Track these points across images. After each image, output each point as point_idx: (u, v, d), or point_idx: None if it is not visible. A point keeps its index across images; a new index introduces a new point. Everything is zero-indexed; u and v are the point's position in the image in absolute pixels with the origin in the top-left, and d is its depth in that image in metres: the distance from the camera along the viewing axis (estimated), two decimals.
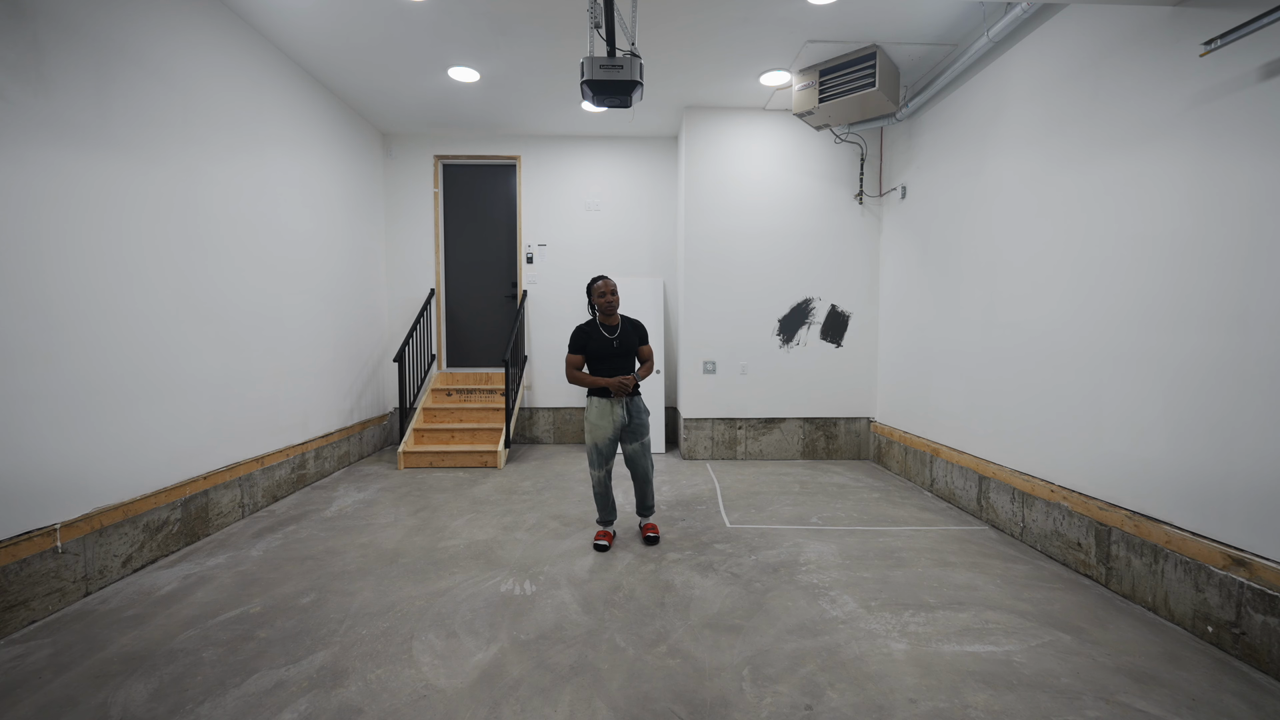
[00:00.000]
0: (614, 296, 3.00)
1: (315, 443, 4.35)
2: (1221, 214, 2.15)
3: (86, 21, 2.53)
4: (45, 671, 1.94)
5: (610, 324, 3.03)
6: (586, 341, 3.00)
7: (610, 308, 2.99)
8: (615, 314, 3.04)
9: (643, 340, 3.11)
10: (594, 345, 2.99)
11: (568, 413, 5.90)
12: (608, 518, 3.14)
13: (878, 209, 5.02)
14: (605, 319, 3.03)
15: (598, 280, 3.01)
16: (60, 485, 2.40)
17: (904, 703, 1.78)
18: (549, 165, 5.78)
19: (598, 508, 3.14)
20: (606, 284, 2.99)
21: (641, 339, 3.11)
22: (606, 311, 3.00)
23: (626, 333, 3.04)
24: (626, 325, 3.07)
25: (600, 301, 2.99)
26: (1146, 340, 2.44)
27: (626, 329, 3.05)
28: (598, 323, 3.03)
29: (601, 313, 3.01)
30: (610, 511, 3.14)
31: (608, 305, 2.99)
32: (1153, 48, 2.43)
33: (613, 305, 3.00)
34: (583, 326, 3.03)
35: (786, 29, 3.68)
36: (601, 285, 2.99)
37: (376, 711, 1.74)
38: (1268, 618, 1.96)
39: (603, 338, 2.99)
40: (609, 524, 3.15)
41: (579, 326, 3.04)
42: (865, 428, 5.16)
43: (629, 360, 3.06)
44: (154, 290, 2.89)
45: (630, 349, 3.05)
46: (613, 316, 3.03)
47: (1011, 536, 3.22)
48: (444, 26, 3.66)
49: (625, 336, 3.03)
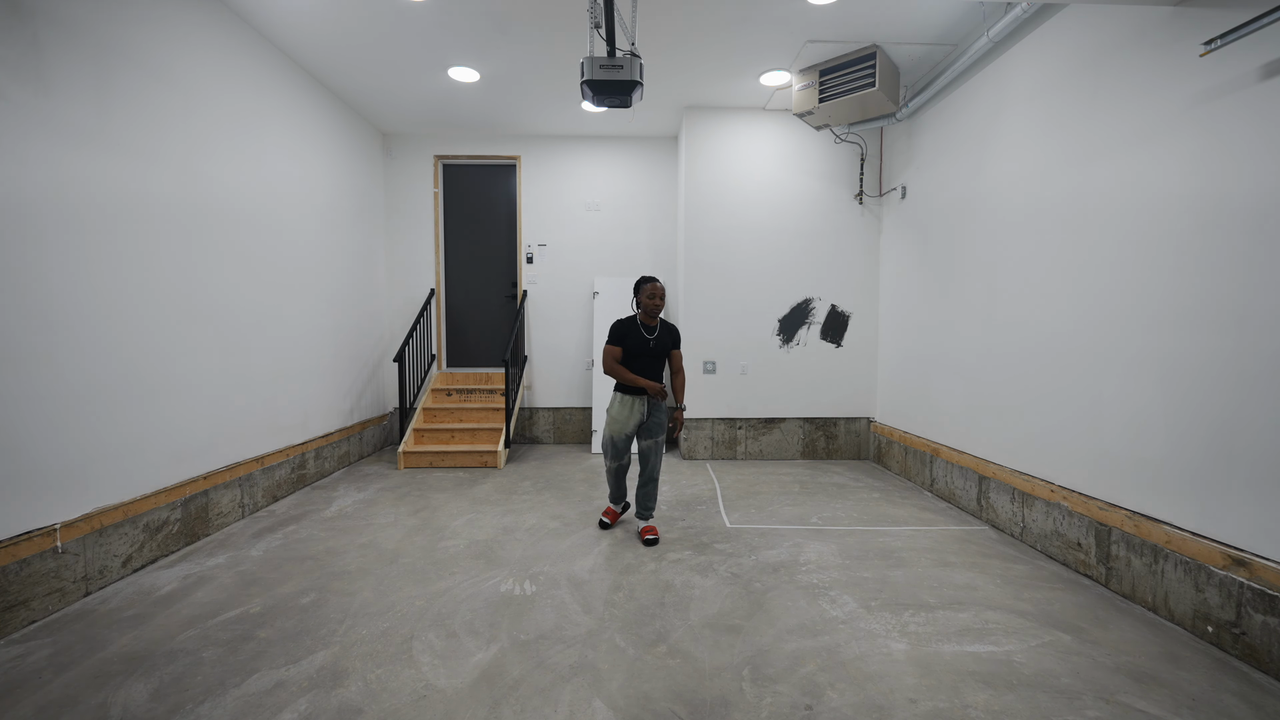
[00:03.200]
0: (661, 301, 3.11)
1: (315, 443, 4.35)
2: (1221, 214, 2.15)
3: (86, 21, 2.53)
4: (45, 671, 1.94)
5: (650, 324, 3.13)
6: (625, 336, 3.09)
7: (655, 310, 3.10)
8: (657, 317, 3.14)
9: (675, 344, 3.23)
10: (631, 341, 3.09)
11: (568, 413, 5.90)
12: (618, 496, 3.32)
13: (878, 209, 5.02)
14: (646, 319, 3.13)
15: (649, 282, 3.10)
16: (60, 485, 2.40)
17: (904, 703, 1.78)
18: (549, 165, 5.78)
19: (609, 484, 3.32)
20: (656, 288, 3.09)
21: (675, 343, 3.23)
22: (650, 313, 3.11)
23: (663, 336, 3.16)
24: (664, 329, 3.18)
25: (648, 303, 3.09)
26: (1146, 340, 2.44)
27: (663, 333, 3.17)
28: (639, 321, 3.13)
29: (645, 313, 3.11)
30: (621, 490, 3.31)
31: (654, 308, 3.10)
32: (1153, 48, 2.43)
33: (657, 309, 3.11)
34: (624, 321, 3.14)
35: (786, 29, 3.68)
36: (651, 288, 3.09)
37: (376, 711, 1.74)
38: (1268, 618, 1.96)
39: (641, 336, 3.10)
40: (618, 503, 3.33)
41: (620, 320, 3.14)
42: (865, 428, 5.16)
43: (660, 361, 3.19)
44: (154, 290, 2.89)
45: (664, 351, 3.18)
46: (654, 319, 3.13)
47: (1011, 536, 3.22)
48: (444, 26, 3.66)
49: (661, 339, 3.15)
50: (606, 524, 3.27)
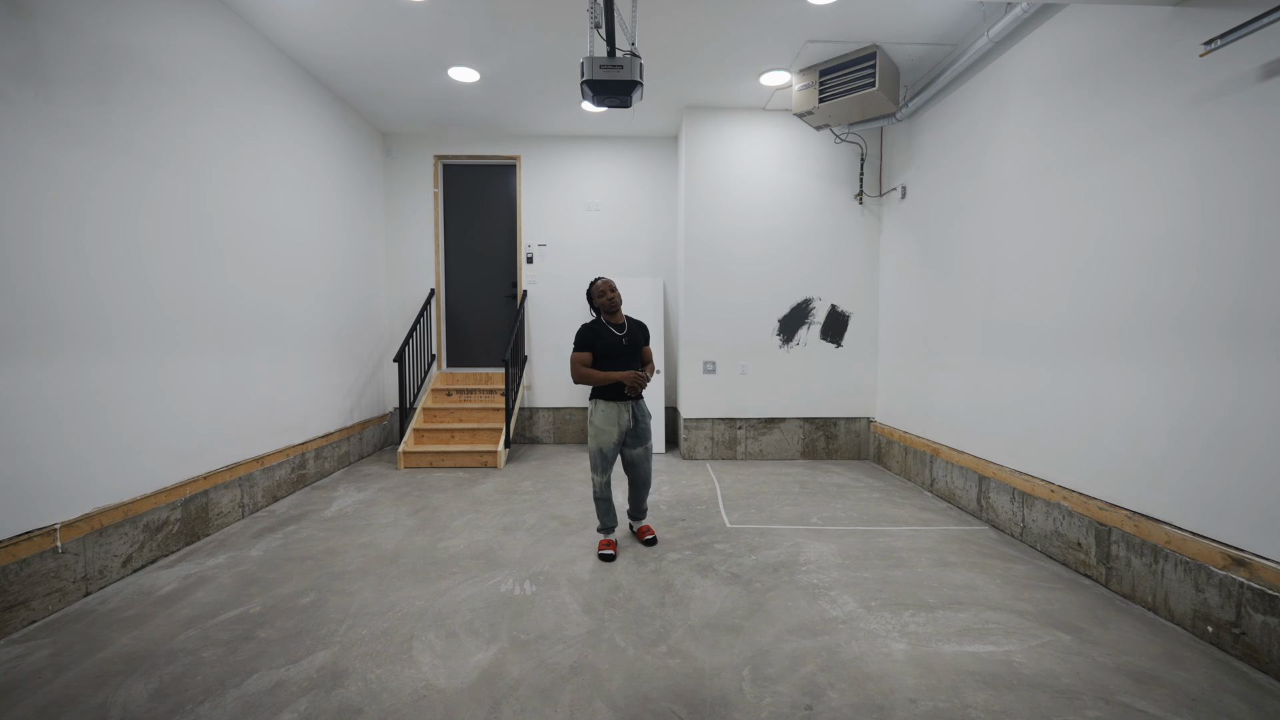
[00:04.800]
0: (615, 294, 2.98)
1: (315, 443, 4.35)
2: (1221, 214, 2.15)
3: (86, 21, 2.53)
4: (45, 671, 1.94)
5: (616, 322, 3.01)
6: (595, 339, 2.94)
7: (613, 305, 2.98)
8: (620, 312, 3.02)
9: (647, 340, 3.11)
10: (602, 343, 2.94)
11: (568, 413, 5.90)
12: (609, 524, 3.04)
13: (877, 209, 5.02)
14: (610, 318, 3.01)
15: (596, 281, 3.03)
16: (60, 485, 2.40)
17: (904, 703, 1.78)
18: (549, 165, 5.78)
19: (599, 514, 3.04)
20: (605, 282, 2.99)
21: (646, 339, 3.10)
22: (610, 309, 2.98)
23: (634, 331, 3.03)
24: (633, 324, 3.06)
25: (601, 300, 2.98)
26: (1146, 340, 2.44)
27: (634, 327, 3.04)
28: (605, 322, 3.01)
29: (605, 311, 3.00)
30: (612, 518, 3.04)
31: (610, 303, 2.97)
32: (1152, 48, 2.43)
33: (615, 302, 2.98)
34: (590, 324, 2.99)
35: (786, 29, 3.68)
36: (601, 284, 2.99)
37: (376, 711, 1.74)
38: (1268, 618, 1.96)
39: (611, 335, 2.96)
40: (611, 531, 3.04)
41: (585, 324, 2.99)
42: (865, 428, 5.16)
43: (637, 359, 3.04)
44: (153, 290, 2.88)
45: (638, 347, 3.04)
46: (617, 314, 3.02)
47: (1011, 536, 3.22)
48: (444, 26, 3.66)
49: (633, 334, 3.01)
50: (610, 556, 2.90)
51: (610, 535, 3.05)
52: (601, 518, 3.04)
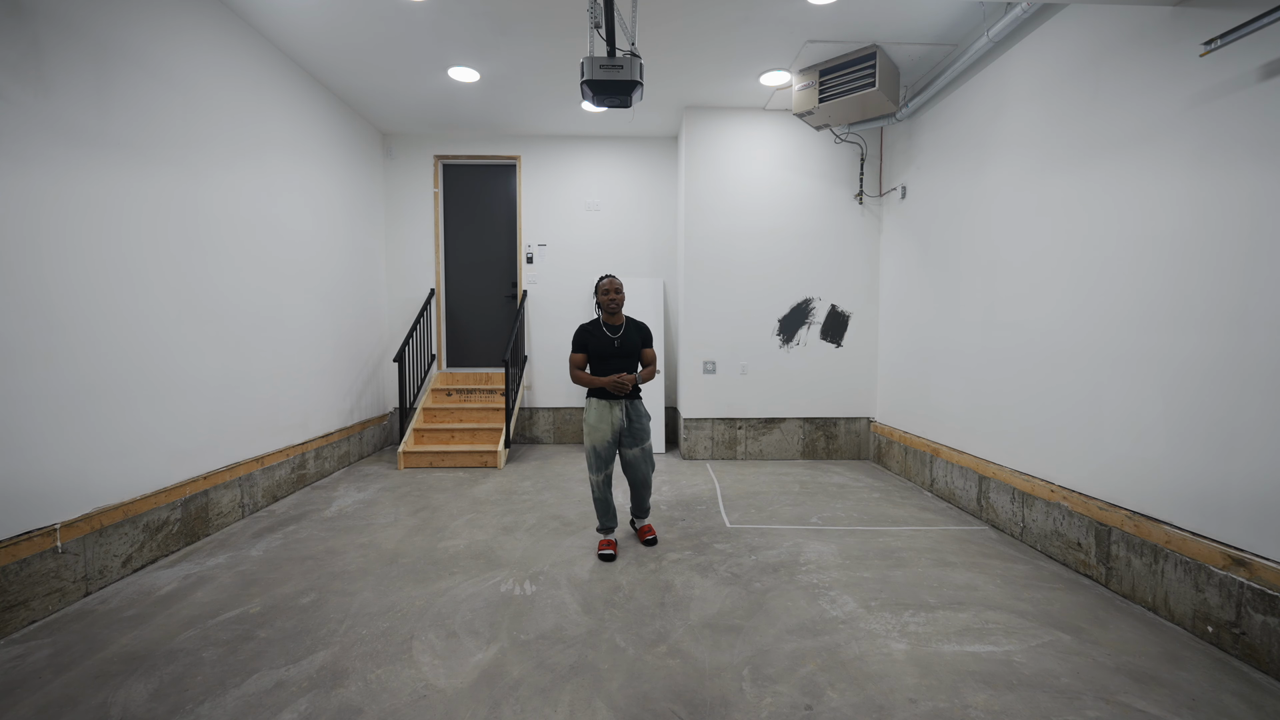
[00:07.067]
0: (618, 295, 2.96)
1: (315, 443, 4.35)
2: (1221, 214, 2.15)
3: (86, 21, 2.53)
4: (45, 671, 1.94)
5: (614, 324, 3.00)
6: (588, 340, 2.96)
7: (613, 307, 2.96)
8: (619, 314, 3.00)
9: (646, 343, 3.07)
10: (595, 344, 2.95)
11: (568, 413, 5.90)
12: (609, 524, 3.02)
13: (878, 209, 5.02)
14: (609, 319, 3.00)
15: (603, 279, 3.00)
16: (60, 485, 2.40)
17: (904, 703, 1.78)
18: (549, 165, 5.78)
19: (598, 514, 3.03)
20: (611, 283, 2.97)
21: (645, 341, 3.06)
22: (609, 311, 2.97)
23: (629, 333, 3.00)
24: (630, 326, 3.03)
25: (603, 300, 2.97)
26: (1146, 340, 2.44)
27: (629, 330, 3.02)
28: (601, 322, 3.00)
29: (605, 312, 2.99)
30: (611, 518, 3.02)
31: (610, 304, 2.96)
32: (1152, 48, 2.43)
33: (615, 304, 2.96)
34: (586, 325, 3.00)
35: (786, 29, 3.68)
36: (606, 284, 2.97)
37: (376, 711, 1.74)
38: (1268, 618, 1.96)
39: (604, 337, 2.96)
40: (610, 531, 3.02)
41: (582, 325, 3.00)
42: (865, 428, 5.16)
43: (630, 361, 3.00)
44: (154, 290, 2.89)
45: (632, 350, 2.99)
46: (616, 316, 3.00)
47: (1011, 536, 3.22)
48: (444, 26, 3.66)
49: (627, 337, 2.99)
50: (611, 556, 2.89)
51: (610, 535, 3.04)
52: (600, 517, 3.04)
